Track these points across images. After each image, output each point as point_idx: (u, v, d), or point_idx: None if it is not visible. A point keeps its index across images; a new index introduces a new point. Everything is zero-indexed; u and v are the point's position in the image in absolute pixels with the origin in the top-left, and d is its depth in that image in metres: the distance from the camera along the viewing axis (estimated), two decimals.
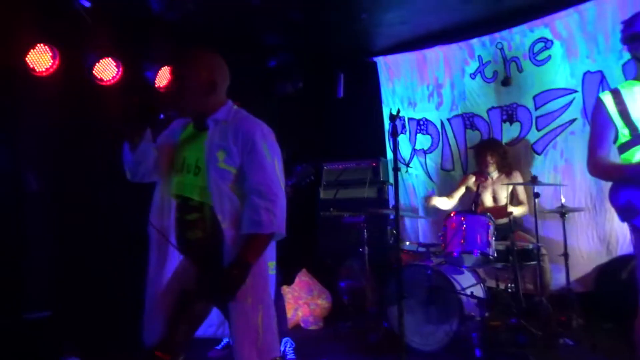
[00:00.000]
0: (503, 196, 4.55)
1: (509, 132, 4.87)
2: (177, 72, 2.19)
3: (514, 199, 4.58)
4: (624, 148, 2.26)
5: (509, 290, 3.88)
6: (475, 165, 4.75)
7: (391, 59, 5.70)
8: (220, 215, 1.96)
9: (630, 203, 2.17)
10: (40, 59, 3.62)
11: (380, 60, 5.78)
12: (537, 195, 3.96)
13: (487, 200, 4.61)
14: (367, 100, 5.82)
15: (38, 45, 3.60)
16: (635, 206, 2.16)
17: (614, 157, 2.31)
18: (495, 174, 4.57)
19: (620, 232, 4.18)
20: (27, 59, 3.56)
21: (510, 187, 4.52)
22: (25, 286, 3.80)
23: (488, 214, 4.00)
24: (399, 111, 3.17)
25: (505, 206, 4.40)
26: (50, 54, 3.67)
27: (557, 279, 4.20)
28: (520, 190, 4.56)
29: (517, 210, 4.39)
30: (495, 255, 3.77)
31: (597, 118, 2.34)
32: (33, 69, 3.60)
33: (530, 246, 3.96)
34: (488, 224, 3.78)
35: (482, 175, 4.60)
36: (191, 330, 2.11)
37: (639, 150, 2.21)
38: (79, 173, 4.09)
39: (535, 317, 3.74)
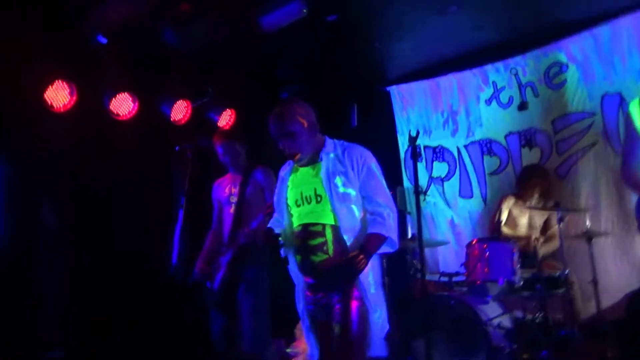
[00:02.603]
0: (538, 223, 4.40)
1: (530, 158, 4.78)
2: (283, 131, 2.41)
3: (546, 228, 4.40)
4: None
5: (537, 320, 3.72)
6: (518, 188, 4.52)
7: (404, 87, 5.68)
8: (344, 232, 2.31)
9: None
10: (58, 95, 3.65)
11: (394, 89, 5.77)
12: (561, 220, 3.84)
13: (522, 224, 4.45)
14: (381, 129, 5.78)
15: (56, 81, 3.64)
16: None
17: None
18: (535, 200, 4.36)
19: None
20: (45, 95, 3.60)
21: (546, 215, 4.35)
22: (40, 324, 3.74)
23: (512, 239, 3.89)
24: (418, 133, 3.06)
25: (534, 239, 4.11)
26: (68, 90, 3.70)
27: (587, 307, 4.04)
28: (554, 219, 4.21)
29: (548, 247, 4.23)
30: (522, 283, 3.64)
31: (626, 129, 2.43)
32: (51, 105, 3.62)
33: (558, 273, 3.82)
34: (512, 250, 3.67)
35: (521, 198, 4.43)
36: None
37: None
38: (96, 208, 4.07)
39: (567, 348, 3.58)
